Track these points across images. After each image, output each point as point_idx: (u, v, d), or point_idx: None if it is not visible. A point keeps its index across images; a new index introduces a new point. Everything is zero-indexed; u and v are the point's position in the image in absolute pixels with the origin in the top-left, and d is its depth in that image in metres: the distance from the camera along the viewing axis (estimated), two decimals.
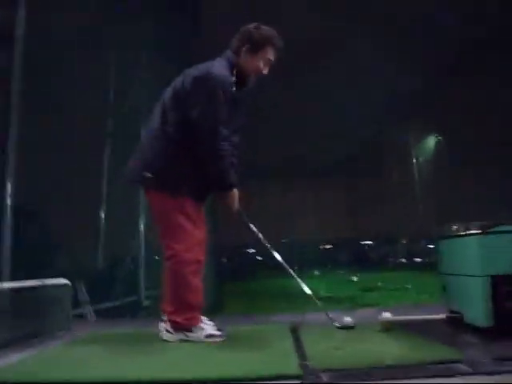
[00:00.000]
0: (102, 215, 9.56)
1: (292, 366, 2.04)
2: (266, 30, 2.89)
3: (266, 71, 2.92)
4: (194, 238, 2.80)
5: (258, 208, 28.90)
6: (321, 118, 19.60)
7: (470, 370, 1.86)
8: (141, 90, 9.26)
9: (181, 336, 2.77)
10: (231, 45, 2.92)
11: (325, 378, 1.87)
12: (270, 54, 2.89)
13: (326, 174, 31.59)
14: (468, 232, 2.64)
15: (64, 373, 2.10)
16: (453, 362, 1.98)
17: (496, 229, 2.50)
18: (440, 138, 20.31)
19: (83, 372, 2.12)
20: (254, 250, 31.25)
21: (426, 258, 19.71)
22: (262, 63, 2.88)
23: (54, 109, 7.36)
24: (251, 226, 3.02)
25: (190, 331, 2.77)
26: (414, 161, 22.85)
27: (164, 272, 2.86)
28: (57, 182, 7.50)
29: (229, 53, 2.90)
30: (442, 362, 1.98)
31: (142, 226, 9.68)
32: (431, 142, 21.22)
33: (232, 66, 2.83)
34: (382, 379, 1.82)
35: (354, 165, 30.75)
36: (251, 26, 2.91)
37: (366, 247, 29.81)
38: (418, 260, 21.70)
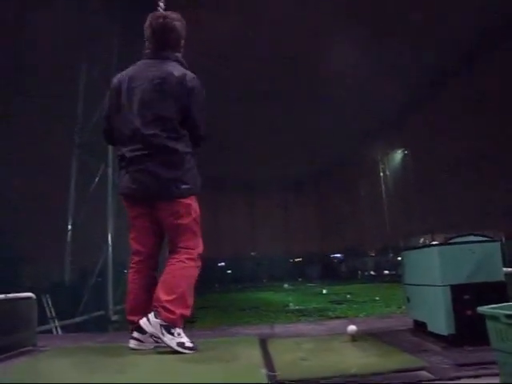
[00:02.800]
0: (69, 228, 9.40)
1: (259, 377, 2.05)
2: (176, 16, 3.08)
3: None
4: (200, 248, 2.99)
5: (228, 221, 28.86)
6: (292, 134, 19.80)
7: (433, 376, 1.92)
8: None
9: (155, 331, 2.71)
10: (170, 43, 3.03)
11: None
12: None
13: (296, 189, 31.89)
14: (430, 243, 2.73)
15: None
16: (417, 369, 2.04)
17: (456, 240, 2.59)
18: (407, 152, 20.72)
19: None
20: (223, 264, 31.19)
21: (394, 270, 19.98)
22: None
23: (20, 118, 7.25)
24: None
25: (170, 332, 2.71)
26: (382, 175, 23.22)
27: (171, 268, 2.87)
28: (22, 194, 7.36)
29: (174, 56, 3.03)
30: (406, 370, 2.03)
31: (109, 240, 9.56)
32: (398, 156, 21.62)
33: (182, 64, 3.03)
34: None
35: (323, 179, 31.15)
36: (168, 17, 3.03)
37: (335, 260, 30.09)
38: (387, 272, 21.99)
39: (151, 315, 2.74)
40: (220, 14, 11.63)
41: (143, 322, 2.75)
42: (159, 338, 2.72)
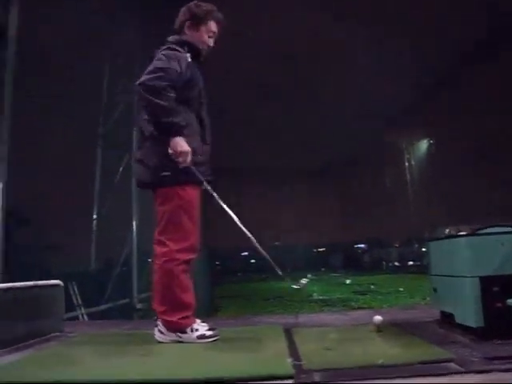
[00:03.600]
0: (94, 218, 9.52)
1: (285, 365, 2.05)
2: (204, 4, 3.06)
3: (211, 43, 3.09)
4: (188, 241, 2.83)
5: (252, 211, 28.94)
6: (317, 121, 19.66)
7: (461, 369, 1.88)
8: (132, 90, 9.26)
9: (173, 337, 2.77)
10: (175, 25, 3.06)
11: (317, 377, 1.88)
12: (213, 27, 3.07)
13: (321, 177, 31.71)
14: (458, 233, 2.68)
15: (53, 373, 2.09)
16: (444, 361, 2.00)
17: (485, 230, 2.53)
18: (433, 142, 20.37)
19: (72, 372, 2.11)
20: (246, 253, 31.27)
21: (419, 261, 19.75)
22: (206, 36, 3.05)
23: (44, 111, 7.34)
24: (215, 195, 2.98)
25: (184, 332, 2.76)
26: (407, 164, 22.89)
27: (154, 271, 2.88)
28: (49, 184, 7.47)
29: (172, 38, 3.01)
30: (433, 362, 2.00)
31: (134, 229, 9.67)
32: (424, 145, 21.28)
33: (182, 44, 2.95)
34: (374, 378, 1.83)
35: (348, 168, 30.87)
36: (191, 3, 3.06)
37: (360, 250, 29.87)
38: (411, 263, 21.75)
39: (160, 326, 2.80)
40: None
41: (157, 336, 2.81)
42: (180, 341, 2.76)
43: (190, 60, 2.89)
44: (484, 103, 14.63)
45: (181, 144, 2.75)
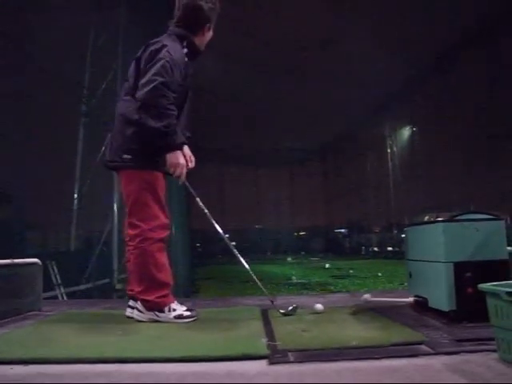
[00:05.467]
0: (75, 197, 9.45)
1: (259, 345, 2.08)
2: (213, 4, 2.99)
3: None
4: (158, 220, 2.84)
5: (233, 193, 28.91)
6: (296, 106, 19.66)
7: (431, 350, 1.94)
8: (117, 71, 9.15)
9: (151, 316, 2.80)
10: (182, 19, 2.95)
11: (291, 357, 1.92)
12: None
13: (302, 162, 31.79)
14: (433, 219, 2.72)
15: (29, 351, 2.09)
16: (415, 343, 2.06)
17: (461, 217, 2.58)
18: (415, 129, 20.52)
19: (49, 349, 2.12)
20: (227, 235, 31.27)
21: (399, 247, 20.04)
22: (208, 40, 3.06)
23: (28, 90, 7.24)
24: (197, 199, 3.07)
25: (162, 311, 2.79)
26: (389, 151, 23.05)
27: (128, 252, 2.90)
28: (30, 163, 7.39)
29: (176, 30, 2.94)
30: (405, 344, 2.05)
31: (115, 209, 9.61)
32: (406, 132, 21.42)
33: (183, 39, 2.91)
34: (348, 359, 1.87)
35: (330, 153, 31.01)
36: (205, 3, 2.94)
37: (340, 235, 30.19)
38: (391, 249, 22.06)
39: (139, 305, 2.82)
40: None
41: (136, 314, 2.83)
42: (158, 321, 2.78)
43: (186, 59, 2.86)
44: (471, 91, 14.76)
45: (176, 156, 2.76)
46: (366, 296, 2.95)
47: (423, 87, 18.28)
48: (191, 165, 3.00)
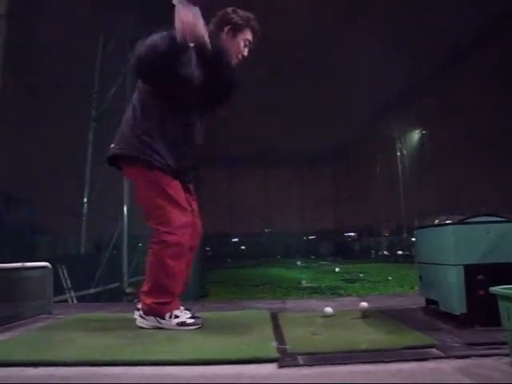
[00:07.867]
0: (85, 201, 9.50)
1: (269, 349, 2.07)
2: (243, 12, 2.95)
3: (245, 53, 2.96)
4: (176, 221, 2.70)
5: (243, 197, 28.92)
6: (307, 109, 19.64)
7: (442, 354, 1.92)
8: (127, 76, 9.20)
9: (152, 321, 2.70)
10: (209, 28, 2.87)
11: (301, 360, 1.91)
12: (249, 36, 2.94)
13: (313, 166, 31.76)
14: (444, 222, 2.70)
15: (40, 353, 2.10)
16: (426, 347, 2.04)
17: (471, 219, 2.56)
18: (424, 131, 20.43)
19: (59, 352, 2.12)
20: (237, 239, 31.35)
21: (409, 250, 19.92)
22: (242, 45, 2.93)
23: (39, 95, 7.30)
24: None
25: (162, 318, 2.70)
26: (398, 154, 22.96)
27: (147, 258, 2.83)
28: (40, 167, 7.44)
29: None
30: (415, 347, 2.03)
31: (125, 213, 9.65)
32: (416, 135, 21.33)
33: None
34: (358, 363, 1.86)
35: (340, 157, 30.93)
36: (229, 9, 2.94)
37: (350, 239, 30.07)
38: (401, 252, 21.93)
39: (142, 312, 2.74)
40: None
41: (139, 321, 2.74)
42: (161, 328, 2.68)
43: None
44: (482, 91, 14.67)
45: (184, 13, 2.49)
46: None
47: (433, 89, 18.21)
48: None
